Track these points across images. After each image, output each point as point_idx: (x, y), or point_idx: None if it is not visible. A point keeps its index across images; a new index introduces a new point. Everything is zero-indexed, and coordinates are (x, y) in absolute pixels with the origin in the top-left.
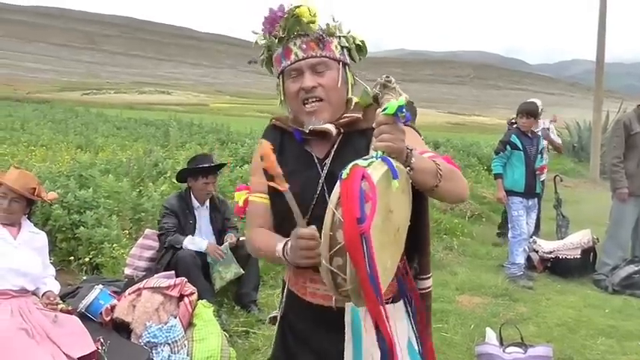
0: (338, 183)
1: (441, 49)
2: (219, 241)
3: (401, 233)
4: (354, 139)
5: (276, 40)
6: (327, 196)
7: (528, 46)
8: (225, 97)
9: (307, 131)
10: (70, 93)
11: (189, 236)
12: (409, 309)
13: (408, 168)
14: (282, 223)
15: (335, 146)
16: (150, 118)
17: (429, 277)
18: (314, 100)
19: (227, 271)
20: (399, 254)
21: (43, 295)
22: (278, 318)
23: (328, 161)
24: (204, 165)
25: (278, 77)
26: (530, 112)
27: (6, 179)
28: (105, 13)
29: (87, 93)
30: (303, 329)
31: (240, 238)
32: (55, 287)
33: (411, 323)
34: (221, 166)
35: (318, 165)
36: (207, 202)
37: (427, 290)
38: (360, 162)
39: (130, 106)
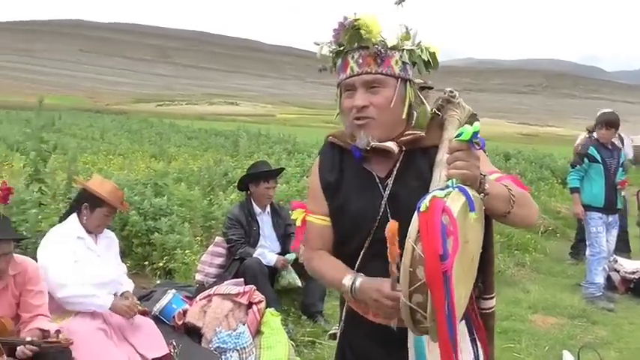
0: (416, 215)
1: (512, 57)
2: (283, 246)
3: (474, 262)
4: (417, 157)
5: (337, 51)
6: (389, 217)
7: (605, 52)
8: (291, 107)
9: (362, 147)
10: (145, 104)
11: (259, 250)
12: (472, 329)
13: (482, 194)
14: (342, 245)
15: (397, 165)
16: (219, 129)
17: (492, 297)
18: (365, 118)
19: (284, 278)
20: (471, 283)
21: (121, 295)
22: (338, 335)
23: (390, 181)
24: (266, 169)
25: (337, 88)
26: (610, 123)
27: (110, 196)
28: (178, 28)
29: (160, 104)
30: (363, 347)
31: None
32: (130, 285)
33: (474, 343)
34: (280, 170)
35: (379, 185)
36: (268, 208)
37: (491, 310)
38: (437, 193)
39: (200, 116)
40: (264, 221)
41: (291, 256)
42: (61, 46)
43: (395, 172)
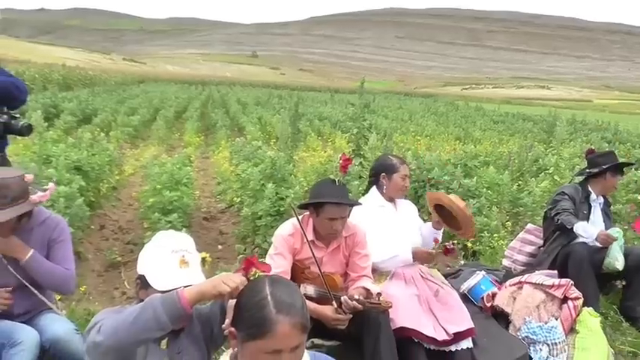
0: None
1: None
2: None
3: None
4: None
5: None
6: None
7: None
8: (613, 92)
9: None
10: (451, 88)
11: (583, 222)
12: None
13: None
14: None
15: None
16: (527, 113)
17: None
18: None
19: (608, 256)
20: None
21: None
22: None
23: None
24: (623, 161)
25: None
26: None
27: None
28: (491, 10)
29: (466, 88)
30: None
31: None
32: None
33: None
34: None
35: None
36: (601, 197)
37: None
38: None
39: (507, 100)
40: (596, 206)
41: (615, 232)
42: (379, 34)
43: None
